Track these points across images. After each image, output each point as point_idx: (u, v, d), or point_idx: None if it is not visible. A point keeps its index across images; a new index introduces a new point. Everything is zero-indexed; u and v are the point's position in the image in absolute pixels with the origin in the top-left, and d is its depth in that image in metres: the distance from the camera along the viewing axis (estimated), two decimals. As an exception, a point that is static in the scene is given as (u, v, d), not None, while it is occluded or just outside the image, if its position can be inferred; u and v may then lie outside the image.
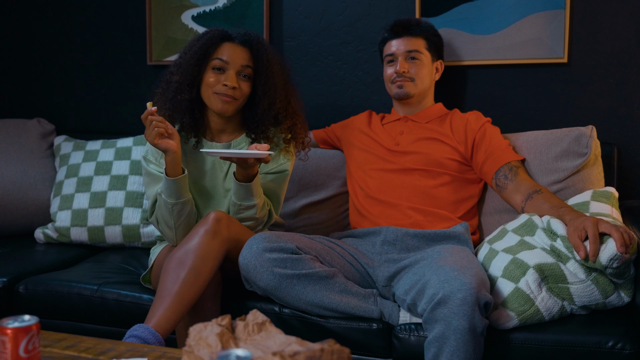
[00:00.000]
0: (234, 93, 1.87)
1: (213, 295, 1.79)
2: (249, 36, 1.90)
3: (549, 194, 1.90)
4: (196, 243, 1.71)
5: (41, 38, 2.90)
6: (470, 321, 1.52)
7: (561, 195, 2.03)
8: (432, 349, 1.56)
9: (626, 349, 1.57)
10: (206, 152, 1.72)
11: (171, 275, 1.68)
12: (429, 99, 2.21)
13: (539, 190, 1.91)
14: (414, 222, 1.98)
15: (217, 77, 1.86)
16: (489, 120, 2.14)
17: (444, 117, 2.17)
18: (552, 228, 1.74)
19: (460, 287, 1.53)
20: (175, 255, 1.72)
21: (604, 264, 1.60)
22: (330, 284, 1.75)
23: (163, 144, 1.77)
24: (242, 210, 1.85)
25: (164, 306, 1.64)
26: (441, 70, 2.23)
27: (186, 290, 1.66)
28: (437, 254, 1.76)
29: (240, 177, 1.81)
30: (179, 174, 1.82)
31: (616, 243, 1.56)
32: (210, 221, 1.74)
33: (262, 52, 1.89)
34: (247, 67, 1.88)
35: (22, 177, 2.50)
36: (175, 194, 1.82)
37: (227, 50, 1.88)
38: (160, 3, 2.66)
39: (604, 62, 2.24)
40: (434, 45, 2.18)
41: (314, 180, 2.29)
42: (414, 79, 2.13)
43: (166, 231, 1.90)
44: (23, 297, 2.03)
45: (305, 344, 0.94)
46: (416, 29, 2.15)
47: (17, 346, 1.04)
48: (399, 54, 2.14)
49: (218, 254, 1.73)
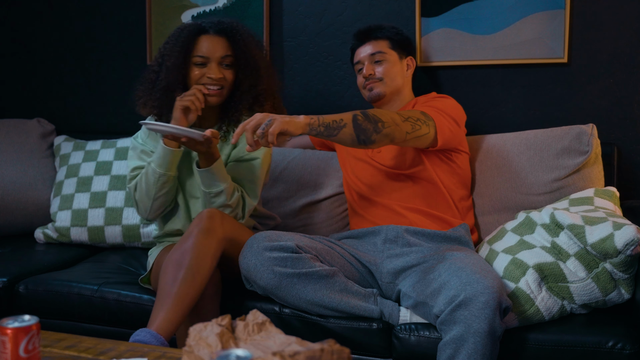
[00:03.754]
0: (220, 82, 1.92)
1: (213, 295, 1.79)
2: (223, 25, 1.94)
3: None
4: (192, 242, 1.72)
5: (41, 38, 2.90)
6: (490, 324, 1.52)
7: (562, 193, 2.03)
8: (448, 350, 1.56)
9: (626, 349, 1.57)
10: (144, 123, 1.78)
11: (169, 277, 1.69)
12: (405, 96, 2.17)
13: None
14: (411, 222, 1.97)
15: (201, 71, 1.91)
16: (442, 96, 2.10)
17: (410, 108, 2.11)
18: (558, 220, 1.74)
19: (483, 290, 1.53)
20: (173, 257, 1.73)
21: (618, 249, 1.60)
22: (331, 283, 1.75)
23: (177, 114, 1.86)
24: (212, 198, 1.88)
25: (164, 308, 1.65)
26: (413, 66, 2.19)
27: (185, 291, 1.67)
28: (451, 255, 1.76)
29: (203, 164, 1.85)
30: (175, 147, 1.88)
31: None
32: (203, 219, 1.75)
33: (238, 38, 1.93)
34: (227, 57, 1.93)
35: (22, 177, 2.50)
36: (166, 165, 1.88)
37: (204, 43, 1.91)
38: (160, 3, 2.66)
39: (604, 62, 2.24)
40: (399, 43, 2.15)
41: (313, 180, 2.29)
42: (382, 79, 2.11)
43: (144, 200, 1.94)
44: (23, 297, 2.03)
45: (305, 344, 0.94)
46: (377, 32, 2.15)
47: (17, 346, 1.04)
48: (364, 60, 2.14)
49: (214, 252, 1.74)
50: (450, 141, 1.96)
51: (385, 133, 1.76)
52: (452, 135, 1.96)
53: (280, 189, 2.32)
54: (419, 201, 2.00)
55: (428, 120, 1.87)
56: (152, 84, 1.96)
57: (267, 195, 2.32)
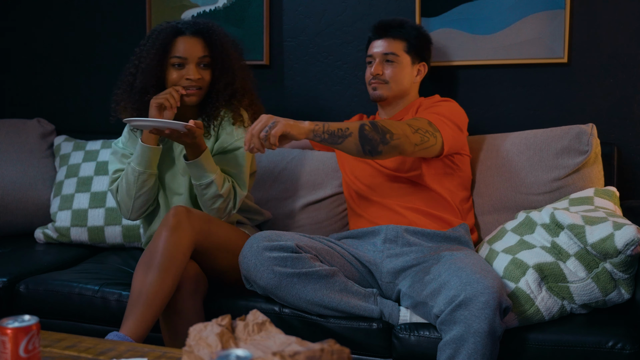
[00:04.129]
0: (199, 83, 1.93)
1: (192, 292, 1.79)
2: (199, 26, 1.95)
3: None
4: (160, 242, 1.73)
5: (41, 38, 2.90)
6: (491, 324, 1.52)
7: (561, 193, 2.03)
8: (448, 350, 1.56)
9: (626, 349, 1.57)
10: (127, 120, 1.79)
11: (138, 279, 1.71)
12: (409, 99, 2.16)
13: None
14: (411, 221, 1.97)
15: (179, 73, 1.92)
16: (445, 100, 2.09)
17: (414, 110, 2.12)
18: (558, 219, 1.74)
19: (484, 290, 1.53)
20: (142, 259, 1.75)
21: (619, 249, 1.60)
22: (331, 282, 1.75)
23: (153, 111, 1.87)
24: (203, 190, 1.89)
25: (135, 311, 1.66)
26: (424, 72, 2.17)
27: (154, 291, 1.68)
28: (451, 255, 1.76)
29: (190, 156, 1.87)
30: (154, 144, 1.90)
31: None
32: (169, 217, 1.76)
33: (214, 38, 1.95)
34: (204, 57, 1.94)
35: (22, 177, 2.50)
36: (145, 163, 1.90)
37: (182, 45, 1.92)
38: (160, 3, 2.66)
39: (604, 62, 2.24)
40: (415, 47, 2.12)
41: (312, 180, 2.29)
42: (388, 82, 2.09)
43: (125, 200, 1.96)
44: (23, 297, 2.03)
45: (305, 344, 0.94)
46: (397, 31, 2.11)
47: (17, 346, 1.04)
48: (376, 56, 2.12)
49: (185, 249, 1.74)
50: (454, 148, 1.97)
51: (393, 145, 1.77)
52: (456, 142, 1.97)
53: (279, 189, 2.31)
54: (419, 201, 2.00)
55: (435, 132, 1.88)
56: (130, 86, 1.97)
57: (267, 195, 2.32)
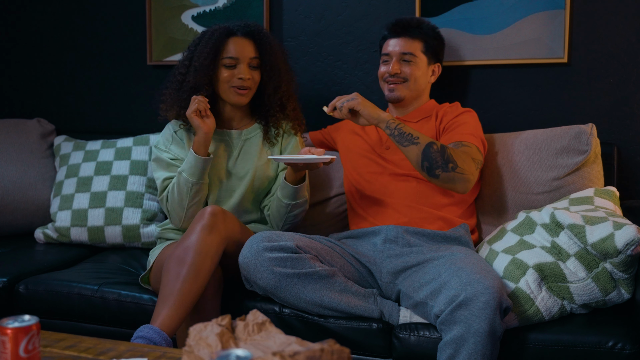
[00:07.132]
0: (249, 84, 2.00)
1: (214, 294, 1.79)
2: (250, 27, 2.02)
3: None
4: (194, 239, 1.73)
5: (41, 38, 2.89)
6: (491, 324, 1.52)
7: (561, 193, 2.03)
8: (448, 350, 1.56)
9: (626, 349, 1.57)
10: (274, 158, 1.89)
11: (172, 274, 1.70)
12: (422, 100, 2.17)
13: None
14: (411, 221, 1.97)
15: (230, 72, 1.99)
16: (468, 111, 2.10)
17: (433, 114, 2.13)
18: (558, 219, 1.74)
19: (484, 290, 1.53)
20: (175, 254, 1.73)
21: (619, 249, 1.60)
22: (331, 283, 1.75)
23: (196, 121, 1.91)
24: (295, 208, 1.97)
25: (167, 305, 1.65)
26: (438, 73, 2.19)
27: (188, 288, 1.68)
28: (451, 255, 1.76)
29: (290, 179, 1.93)
30: (205, 155, 1.93)
31: None
32: (206, 216, 1.76)
33: (265, 40, 2.02)
34: (254, 58, 2.01)
35: (22, 177, 2.50)
36: (198, 173, 1.93)
37: (233, 45, 1.99)
38: (160, 3, 2.66)
39: (604, 62, 2.24)
40: (432, 48, 2.14)
41: (312, 181, 2.29)
42: (407, 80, 2.10)
43: (177, 210, 1.97)
44: (23, 297, 2.03)
45: (305, 344, 0.94)
46: (415, 30, 2.12)
47: (17, 346, 1.04)
48: (393, 55, 2.12)
49: (217, 250, 1.75)
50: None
51: (451, 177, 1.84)
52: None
53: (280, 189, 2.32)
54: (420, 201, 2.00)
55: (480, 164, 1.96)
56: (180, 84, 2.01)
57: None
